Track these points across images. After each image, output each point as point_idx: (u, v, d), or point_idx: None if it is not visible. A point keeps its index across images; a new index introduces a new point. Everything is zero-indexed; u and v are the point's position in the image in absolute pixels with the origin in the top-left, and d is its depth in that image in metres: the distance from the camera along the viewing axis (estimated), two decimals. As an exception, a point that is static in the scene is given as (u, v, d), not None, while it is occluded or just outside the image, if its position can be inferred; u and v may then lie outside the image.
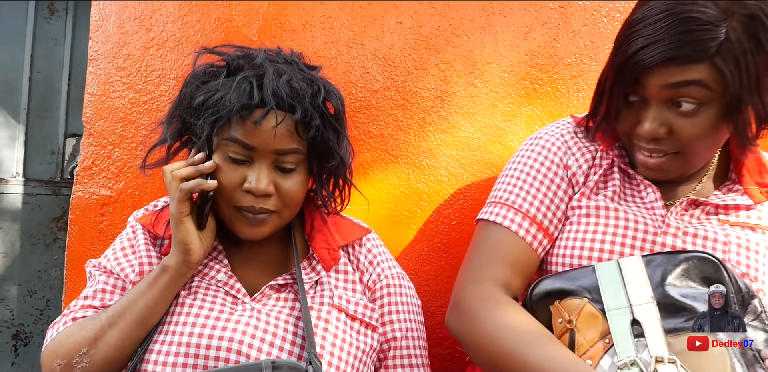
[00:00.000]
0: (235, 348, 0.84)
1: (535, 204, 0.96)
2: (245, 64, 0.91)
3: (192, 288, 0.93)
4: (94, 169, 1.31)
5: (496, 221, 0.96)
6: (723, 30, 0.79)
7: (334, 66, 1.32)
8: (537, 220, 0.95)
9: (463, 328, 0.91)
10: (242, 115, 0.86)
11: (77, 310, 0.92)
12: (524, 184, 0.98)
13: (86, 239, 1.30)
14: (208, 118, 0.87)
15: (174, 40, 1.33)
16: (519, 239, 0.94)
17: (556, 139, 1.00)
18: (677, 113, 0.84)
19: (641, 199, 0.95)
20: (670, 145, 0.86)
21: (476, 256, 0.96)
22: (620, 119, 0.90)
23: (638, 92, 0.86)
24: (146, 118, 1.31)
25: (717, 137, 0.87)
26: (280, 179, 0.90)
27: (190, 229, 0.88)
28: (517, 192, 0.97)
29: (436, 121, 1.32)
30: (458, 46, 1.33)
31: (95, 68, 1.32)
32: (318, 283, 0.96)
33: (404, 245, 1.31)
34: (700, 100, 0.82)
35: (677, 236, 0.90)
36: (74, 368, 0.84)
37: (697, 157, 0.89)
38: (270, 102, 0.86)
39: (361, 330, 0.94)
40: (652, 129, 0.85)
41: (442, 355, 1.28)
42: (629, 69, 0.84)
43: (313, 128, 0.89)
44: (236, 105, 0.85)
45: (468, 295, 0.91)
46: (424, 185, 1.32)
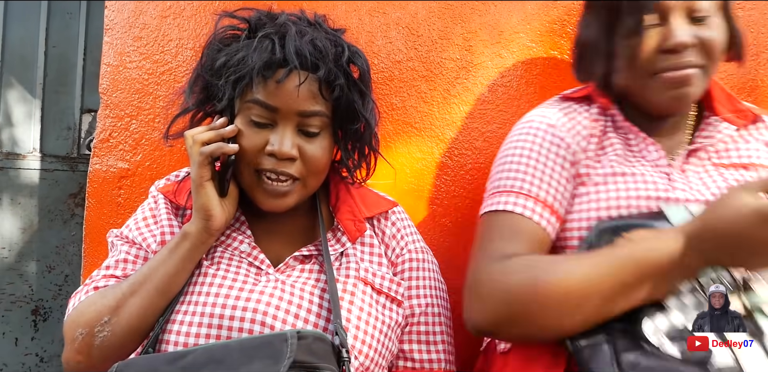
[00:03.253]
0: (259, 319, 0.82)
1: (537, 184, 0.92)
2: (267, 22, 0.89)
3: (215, 258, 0.91)
4: (111, 141, 1.28)
5: (506, 209, 0.91)
6: None
7: (356, 35, 1.28)
8: (545, 201, 0.91)
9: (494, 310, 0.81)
10: (264, 75, 0.84)
11: (99, 279, 0.91)
12: (525, 167, 0.94)
13: (104, 213, 1.28)
14: (230, 77, 0.86)
15: (191, 8, 1.29)
16: (529, 220, 0.90)
17: (548, 119, 0.98)
18: (699, 25, 0.89)
19: (643, 157, 0.95)
20: (698, 55, 0.90)
21: (488, 242, 0.89)
22: (637, 48, 0.91)
23: (657, 12, 0.89)
24: (164, 90, 1.28)
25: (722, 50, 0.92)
26: (305, 143, 0.88)
27: (211, 194, 0.86)
28: (518, 176, 0.93)
29: (460, 93, 1.28)
30: (484, 15, 1.28)
31: (111, 38, 1.29)
32: (343, 254, 0.94)
33: (427, 220, 1.28)
34: (712, 8, 0.90)
35: (686, 191, 0.90)
36: (96, 337, 0.83)
37: (714, 70, 0.93)
38: (293, 60, 0.83)
39: (386, 304, 0.92)
40: (685, 38, 0.88)
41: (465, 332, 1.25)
42: None
43: (337, 88, 0.86)
44: (258, 63, 0.83)
45: (487, 273, 0.84)
46: (448, 159, 1.28)
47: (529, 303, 0.77)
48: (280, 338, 0.74)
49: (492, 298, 0.80)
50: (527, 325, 0.79)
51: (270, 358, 0.72)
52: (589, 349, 0.75)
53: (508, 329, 0.81)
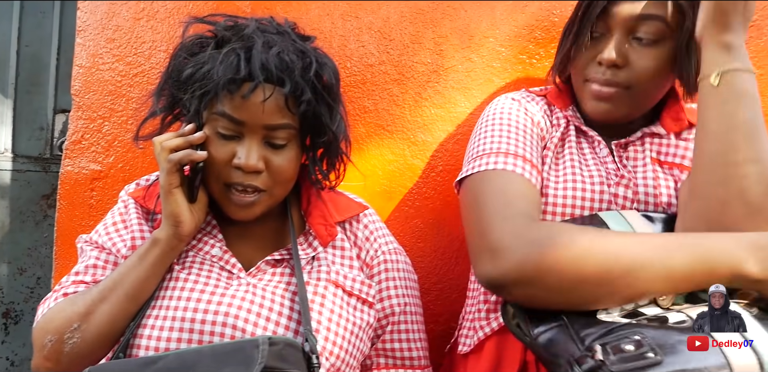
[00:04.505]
0: (231, 322, 0.83)
1: (519, 144, 0.94)
2: (234, 35, 0.88)
3: (186, 263, 0.91)
4: (84, 143, 1.28)
5: (496, 168, 0.90)
6: None
7: (329, 39, 1.30)
8: (527, 157, 0.92)
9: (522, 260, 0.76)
10: (230, 89, 0.84)
11: (68, 285, 0.91)
12: (503, 132, 0.96)
13: (76, 215, 1.28)
14: (196, 92, 0.85)
15: (165, 11, 1.30)
16: (521, 177, 0.89)
17: (517, 101, 1.02)
18: (636, 45, 0.91)
19: (596, 154, 0.99)
20: (624, 76, 0.92)
21: (487, 203, 0.86)
22: (583, 53, 0.95)
23: (603, 24, 0.92)
24: (136, 91, 1.28)
25: (662, 79, 0.94)
26: (271, 155, 0.88)
27: (179, 200, 0.86)
28: (500, 140, 0.95)
29: (431, 96, 1.30)
30: (455, 20, 1.30)
31: (84, 39, 1.29)
32: (315, 258, 0.95)
33: (398, 221, 1.30)
34: (657, 35, 0.89)
35: (629, 187, 0.94)
36: (65, 344, 0.83)
37: (642, 96, 0.95)
38: (258, 75, 0.83)
39: (357, 306, 0.94)
40: (612, 57, 0.90)
41: (436, 331, 1.28)
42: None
43: (303, 103, 0.86)
44: (223, 79, 0.83)
45: (502, 232, 0.80)
46: (419, 161, 1.30)
47: (553, 271, 0.73)
48: (252, 344, 0.75)
49: (514, 255, 0.76)
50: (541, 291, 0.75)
51: (241, 364, 0.73)
52: (547, 334, 0.74)
53: (519, 289, 0.77)
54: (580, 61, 0.96)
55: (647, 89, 0.94)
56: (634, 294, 0.72)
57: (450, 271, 1.30)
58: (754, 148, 0.78)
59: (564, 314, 0.74)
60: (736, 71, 0.80)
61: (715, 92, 0.81)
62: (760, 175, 0.76)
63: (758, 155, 0.77)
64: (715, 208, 0.78)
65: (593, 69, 0.94)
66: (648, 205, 0.93)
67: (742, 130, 0.78)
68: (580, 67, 0.97)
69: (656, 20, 0.88)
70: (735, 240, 0.73)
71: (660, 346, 0.63)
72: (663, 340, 0.64)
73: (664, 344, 0.63)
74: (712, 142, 0.80)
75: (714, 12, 0.82)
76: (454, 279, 1.30)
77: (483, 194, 0.88)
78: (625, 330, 0.67)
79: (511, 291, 0.77)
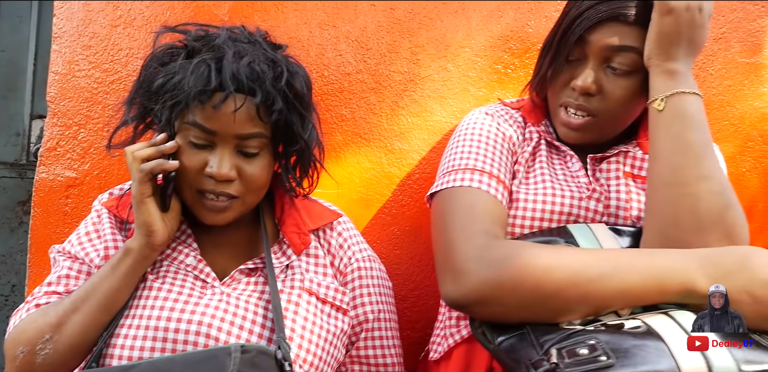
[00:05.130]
0: (204, 331, 0.83)
1: (486, 160, 0.96)
2: (204, 45, 0.88)
3: (161, 272, 0.91)
4: (59, 150, 1.28)
5: (463, 185, 0.93)
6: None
7: (307, 48, 1.31)
8: (494, 174, 0.95)
9: (483, 281, 0.79)
10: (201, 100, 0.84)
11: (40, 296, 0.91)
12: (473, 148, 0.98)
13: (50, 222, 1.27)
14: (167, 102, 0.85)
15: (142, 18, 1.30)
16: (486, 194, 0.92)
17: (490, 116, 1.04)
18: (609, 74, 0.92)
19: (567, 168, 1.00)
20: (596, 104, 0.93)
21: (453, 219, 0.89)
22: (558, 76, 0.96)
23: (580, 50, 0.93)
24: (113, 99, 1.28)
25: (633, 106, 0.95)
26: (243, 164, 0.89)
27: (152, 210, 0.87)
28: (469, 156, 0.97)
29: (408, 105, 1.32)
30: (431, 30, 1.32)
31: (60, 46, 1.29)
32: (288, 267, 0.96)
33: (375, 228, 1.31)
34: (630, 66, 0.90)
35: (599, 201, 0.96)
36: (37, 355, 0.82)
37: (612, 123, 0.97)
38: (229, 86, 0.83)
39: (331, 313, 0.94)
40: (586, 84, 0.92)
41: (413, 338, 1.29)
42: (578, 25, 0.90)
43: (275, 112, 0.87)
44: (194, 89, 0.83)
45: (463, 253, 0.83)
46: (396, 168, 1.32)
47: (512, 291, 0.77)
48: (224, 352, 0.75)
49: (475, 277, 0.79)
50: (503, 308, 0.78)
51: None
52: (510, 340, 0.76)
53: (482, 308, 0.80)
54: (556, 84, 0.97)
55: (617, 116, 0.96)
56: (590, 311, 0.75)
57: (427, 278, 1.32)
58: (702, 167, 0.81)
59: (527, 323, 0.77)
60: (681, 94, 0.85)
61: (661, 116, 0.85)
62: (709, 193, 0.80)
63: (706, 173, 0.81)
64: (669, 225, 0.81)
65: (567, 93, 0.96)
66: (618, 219, 0.96)
67: (689, 150, 0.82)
68: (555, 91, 0.98)
69: (631, 52, 0.89)
70: (685, 256, 0.76)
71: (613, 350, 0.65)
72: (617, 345, 0.66)
73: (617, 348, 0.65)
74: (662, 163, 0.83)
75: (658, 42, 0.86)
76: (431, 286, 1.31)
77: (449, 212, 0.91)
78: (582, 335, 0.70)
79: (474, 310, 0.81)
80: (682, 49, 0.86)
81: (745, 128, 1.35)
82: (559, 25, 0.96)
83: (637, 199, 0.97)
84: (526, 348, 0.73)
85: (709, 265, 0.73)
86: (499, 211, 0.91)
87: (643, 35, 0.88)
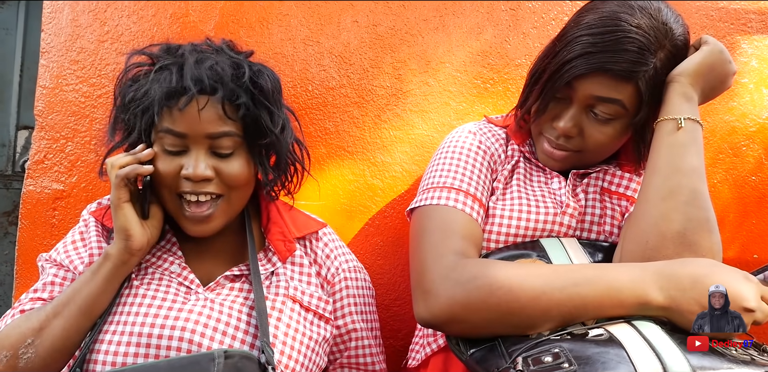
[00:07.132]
0: (188, 337, 0.85)
1: (464, 179, 0.99)
2: (169, 56, 0.92)
3: (145, 278, 0.94)
4: (47, 162, 1.29)
5: (439, 204, 0.95)
6: (653, 59, 0.89)
7: (291, 63, 1.34)
8: (471, 192, 0.97)
9: (450, 301, 0.81)
10: (168, 105, 0.88)
11: (26, 302, 0.93)
12: (453, 167, 1.01)
13: (37, 234, 1.28)
14: (137, 111, 0.89)
15: (129, 34, 1.32)
16: (462, 213, 0.94)
17: (473, 134, 1.06)
18: (591, 120, 0.95)
19: (546, 185, 1.03)
20: (576, 144, 0.97)
21: (426, 238, 0.92)
22: (543, 112, 0.98)
23: (566, 93, 0.94)
24: (100, 112, 1.30)
25: (616, 144, 0.99)
26: (220, 164, 0.91)
27: (129, 215, 0.89)
28: (448, 175, 1.00)
29: (390, 119, 1.35)
30: (413, 46, 1.36)
31: (48, 61, 1.31)
32: (273, 273, 0.98)
33: (358, 239, 1.34)
34: (613, 115, 0.93)
35: (574, 216, 0.99)
36: (20, 359, 0.84)
37: (593, 157, 1.01)
38: (191, 87, 0.87)
39: (314, 321, 0.97)
40: (567, 127, 0.95)
41: (396, 347, 1.31)
42: (567, 71, 0.91)
43: (241, 107, 0.90)
44: (158, 94, 0.87)
45: (433, 273, 0.85)
46: (379, 181, 1.35)
47: (479, 309, 0.80)
48: (208, 358, 0.77)
49: (443, 298, 0.82)
50: (471, 326, 0.82)
51: None
52: (481, 351, 0.79)
53: (452, 327, 0.83)
54: (540, 119, 0.99)
55: (598, 152, 1.00)
56: (554, 325, 0.78)
57: (409, 288, 1.34)
58: (698, 191, 0.85)
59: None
60: (693, 121, 0.89)
61: (675, 136, 0.89)
62: (699, 214, 0.84)
63: (701, 197, 0.85)
64: (654, 234, 0.84)
65: (549, 130, 0.99)
66: (591, 233, 0.99)
67: (693, 173, 0.86)
68: (539, 123, 1.01)
69: (615, 103, 0.91)
70: (641, 270, 0.78)
71: (576, 357, 0.68)
72: (580, 352, 0.69)
73: (580, 356, 0.68)
74: (661, 179, 0.87)
75: (696, 67, 0.90)
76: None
77: (423, 230, 0.94)
78: (547, 344, 0.73)
79: (444, 329, 0.85)
80: (708, 84, 0.91)
81: (716, 141, 1.39)
82: (548, 62, 0.96)
83: (611, 215, 1.00)
84: (495, 358, 0.76)
85: (663, 278, 0.76)
86: (473, 229, 0.94)
87: (628, 88, 0.90)
